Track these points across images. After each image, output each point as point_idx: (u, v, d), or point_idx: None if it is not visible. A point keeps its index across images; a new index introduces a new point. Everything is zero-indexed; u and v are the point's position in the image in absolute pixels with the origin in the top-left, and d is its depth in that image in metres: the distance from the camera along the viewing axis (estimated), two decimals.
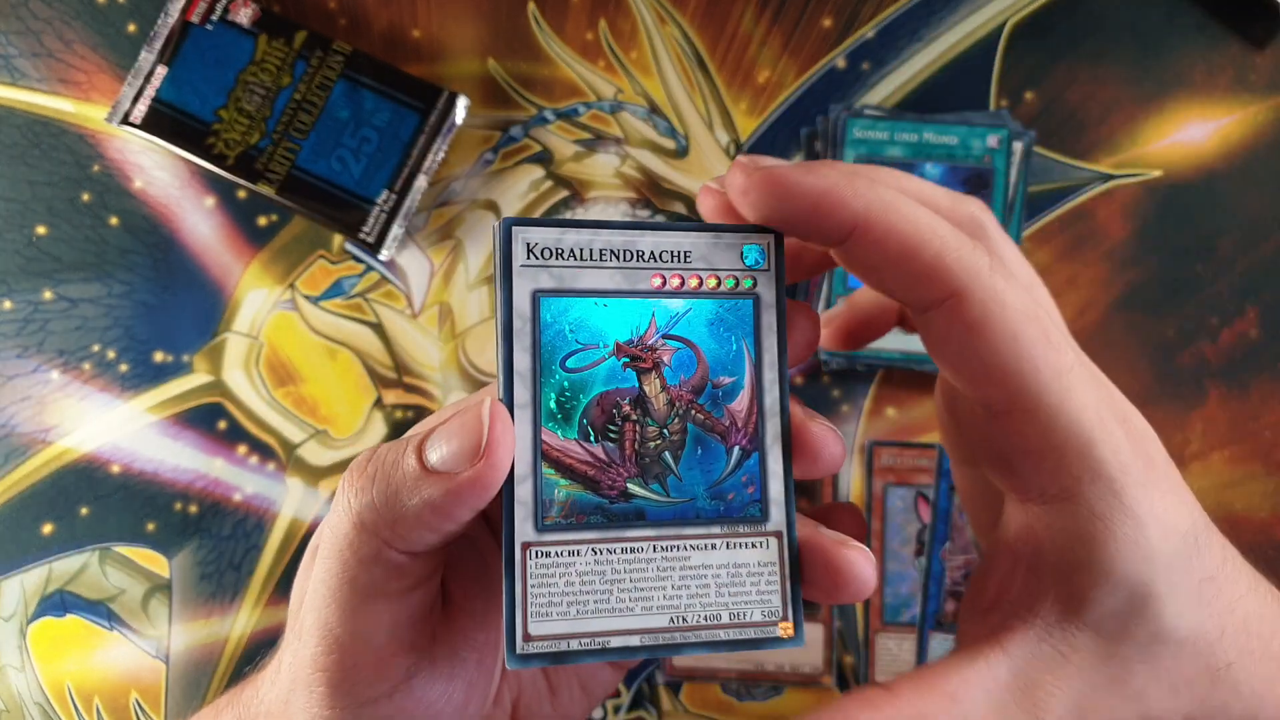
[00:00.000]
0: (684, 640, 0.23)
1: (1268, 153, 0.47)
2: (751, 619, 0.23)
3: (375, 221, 0.45)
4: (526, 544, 0.22)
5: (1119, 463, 0.22)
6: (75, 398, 0.47)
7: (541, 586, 0.22)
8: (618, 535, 0.22)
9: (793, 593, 0.23)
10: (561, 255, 0.22)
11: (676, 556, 0.23)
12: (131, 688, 0.46)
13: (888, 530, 0.46)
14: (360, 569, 0.22)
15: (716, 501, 0.23)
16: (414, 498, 0.22)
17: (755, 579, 0.23)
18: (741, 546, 0.23)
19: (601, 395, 0.23)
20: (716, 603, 0.23)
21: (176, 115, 0.44)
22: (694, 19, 0.48)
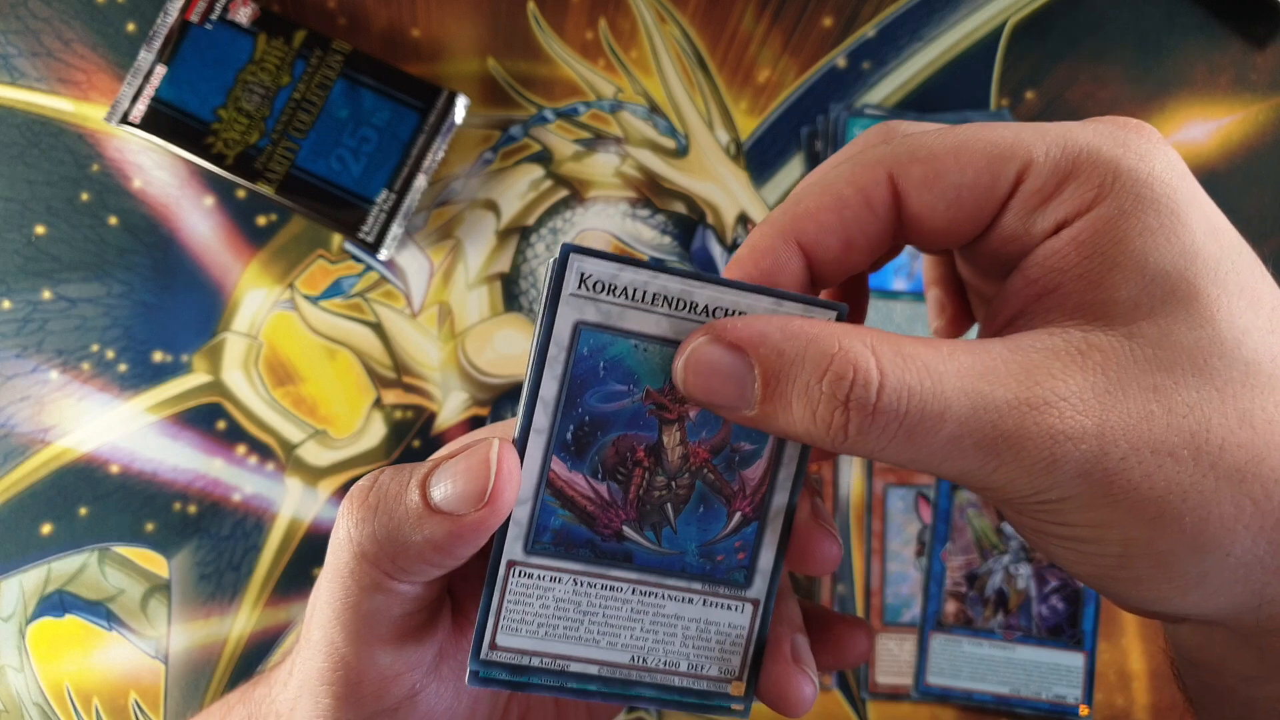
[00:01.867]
0: (638, 679, 0.23)
1: (1268, 152, 0.47)
2: (708, 673, 0.23)
3: (375, 221, 0.44)
4: (512, 562, 0.23)
5: (1141, 152, 0.20)
6: (74, 397, 0.47)
7: (517, 604, 0.23)
8: (601, 571, 0.23)
9: (753, 661, 0.24)
10: (613, 292, 0.22)
11: (653, 603, 0.23)
12: (130, 688, 0.46)
13: (888, 530, 0.46)
14: (362, 595, 0.23)
15: (705, 560, 0.23)
16: (416, 535, 0.22)
17: (722, 639, 0.23)
18: (717, 606, 0.23)
19: (619, 438, 0.23)
20: (679, 652, 0.23)
21: (176, 115, 0.44)
22: (694, 18, 0.48)
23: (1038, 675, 0.44)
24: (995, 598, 0.45)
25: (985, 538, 0.45)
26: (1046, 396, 0.18)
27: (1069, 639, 0.44)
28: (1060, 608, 0.45)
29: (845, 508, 0.46)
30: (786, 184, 0.47)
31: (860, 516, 0.47)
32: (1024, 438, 0.18)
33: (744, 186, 0.47)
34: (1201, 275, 0.19)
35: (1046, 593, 0.45)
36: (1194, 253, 0.19)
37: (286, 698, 0.25)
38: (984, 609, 0.45)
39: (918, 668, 0.45)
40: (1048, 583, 0.45)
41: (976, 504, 0.45)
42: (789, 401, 0.20)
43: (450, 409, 0.47)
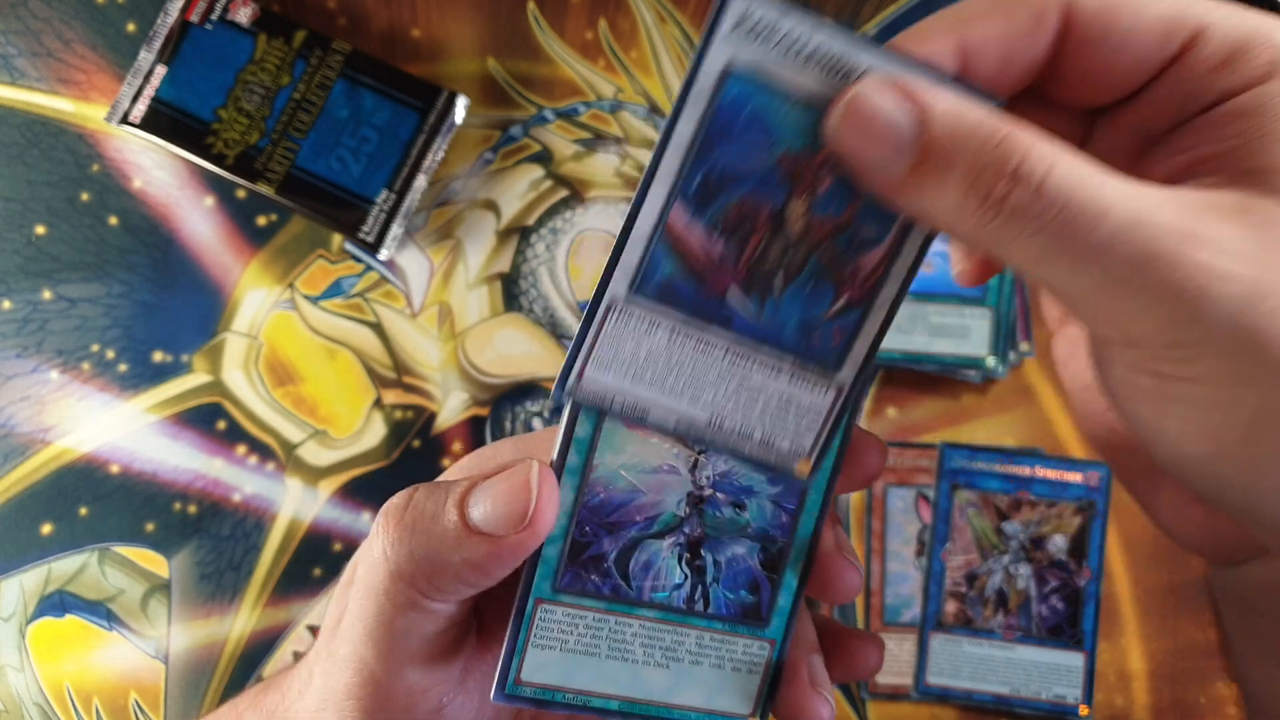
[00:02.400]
0: (712, 439, 0.23)
1: None
2: (779, 446, 0.23)
3: (375, 221, 0.44)
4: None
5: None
6: (74, 398, 0.47)
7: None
8: (699, 328, 0.22)
9: (824, 442, 0.23)
10: (771, 40, 0.20)
11: (741, 368, 0.23)
12: (131, 688, 0.46)
13: (888, 530, 0.46)
14: (396, 614, 0.23)
15: (802, 337, 0.22)
16: (455, 555, 0.22)
17: (799, 419, 0.23)
18: (803, 385, 0.23)
19: (745, 196, 0.21)
20: (755, 421, 0.23)
21: (176, 115, 0.44)
22: (694, 18, 0.48)
23: (1038, 675, 0.44)
24: (995, 598, 0.45)
25: (985, 538, 0.45)
26: (1206, 234, 0.17)
27: (1069, 639, 0.44)
28: (1060, 608, 0.45)
29: (845, 508, 0.46)
30: None
31: (860, 516, 0.47)
32: (1177, 263, 0.17)
33: None
34: None
35: (1046, 593, 0.45)
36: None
37: (306, 708, 0.25)
38: (984, 609, 0.45)
39: (918, 668, 0.45)
40: (1048, 583, 0.45)
41: (976, 504, 0.45)
42: (950, 165, 0.18)
43: (450, 409, 0.47)
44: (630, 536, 0.24)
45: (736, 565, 0.24)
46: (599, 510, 0.23)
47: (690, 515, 0.24)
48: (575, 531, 0.23)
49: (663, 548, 0.24)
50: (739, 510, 0.24)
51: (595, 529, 0.23)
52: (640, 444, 0.23)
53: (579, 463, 0.23)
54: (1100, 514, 0.45)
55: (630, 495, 0.23)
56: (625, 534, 0.24)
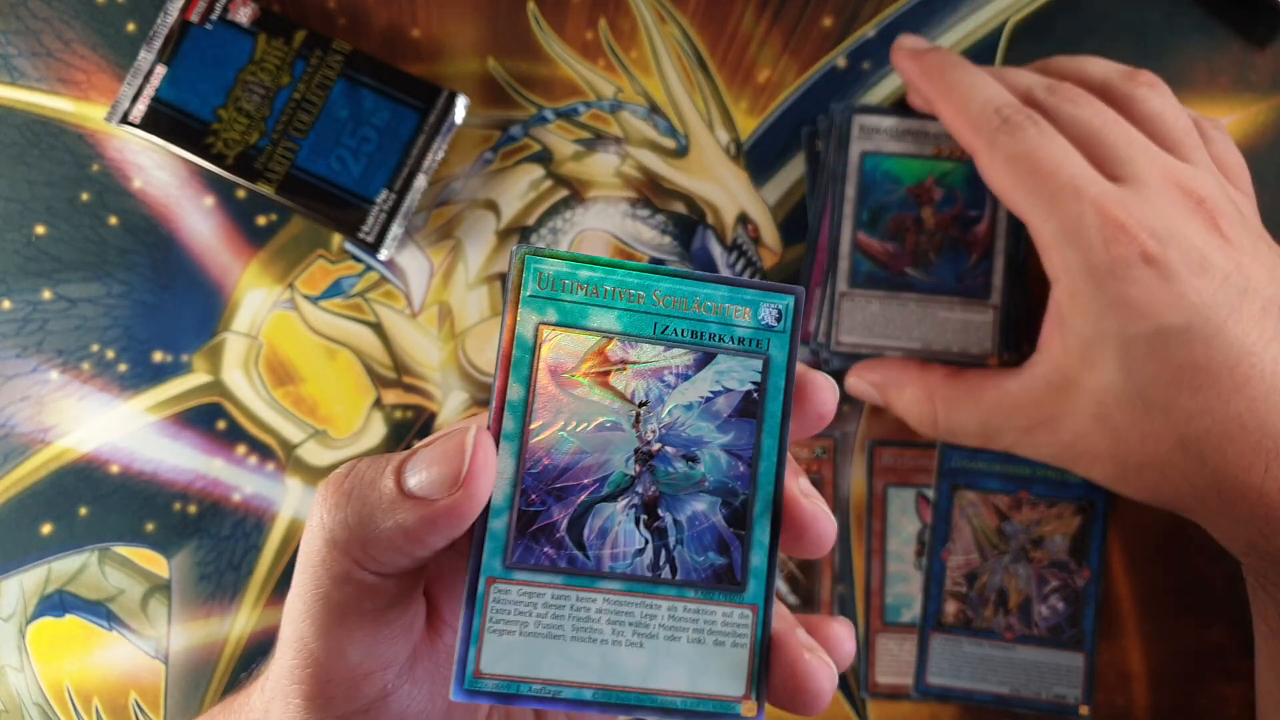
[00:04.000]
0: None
1: (1268, 153, 0.47)
2: (971, 351, 0.42)
3: (375, 221, 0.44)
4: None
5: (1087, 260, 0.34)
6: (74, 398, 0.47)
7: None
8: (895, 294, 0.41)
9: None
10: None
11: (929, 310, 0.43)
12: (131, 688, 0.46)
13: (888, 530, 0.46)
14: (332, 586, 0.22)
15: (959, 284, 0.41)
16: (388, 520, 0.21)
17: (971, 332, 0.43)
18: (971, 310, 0.45)
19: (895, 216, 0.42)
20: (950, 339, 0.43)
21: (176, 115, 0.44)
22: (694, 18, 0.48)
23: (1038, 675, 0.44)
24: (995, 598, 0.45)
25: (985, 538, 0.45)
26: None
27: (1069, 639, 0.44)
28: (1060, 608, 0.45)
29: (845, 508, 0.46)
30: (787, 184, 0.47)
31: (860, 516, 0.47)
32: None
33: (744, 186, 0.48)
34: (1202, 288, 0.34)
35: (1046, 593, 0.45)
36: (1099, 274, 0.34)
37: (261, 701, 0.25)
38: (984, 609, 0.45)
39: (918, 668, 0.45)
40: (1048, 583, 0.45)
41: (976, 504, 0.45)
42: None
43: (450, 409, 0.47)
44: (581, 502, 0.22)
45: (699, 524, 0.23)
46: (544, 476, 0.22)
47: (641, 473, 0.23)
48: (521, 501, 0.22)
49: (616, 510, 0.22)
50: (692, 464, 0.23)
51: (542, 496, 0.22)
52: (578, 402, 0.22)
53: (516, 428, 0.22)
54: (1100, 514, 0.45)
55: (575, 458, 0.22)
56: (574, 499, 0.22)
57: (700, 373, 0.23)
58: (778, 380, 0.23)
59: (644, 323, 0.22)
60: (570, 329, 0.22)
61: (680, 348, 0.23)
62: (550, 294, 0.22)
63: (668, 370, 0.23)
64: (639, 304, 0.22)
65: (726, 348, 0.23)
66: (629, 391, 0.23)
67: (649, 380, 0.23)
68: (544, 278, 0.22)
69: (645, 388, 0.23)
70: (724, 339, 0.23)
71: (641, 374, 0.23)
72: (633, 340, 0.22)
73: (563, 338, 0.22)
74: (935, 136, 0.45)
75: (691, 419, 0.23)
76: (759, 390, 0.23)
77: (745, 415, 0.23)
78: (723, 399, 0.23)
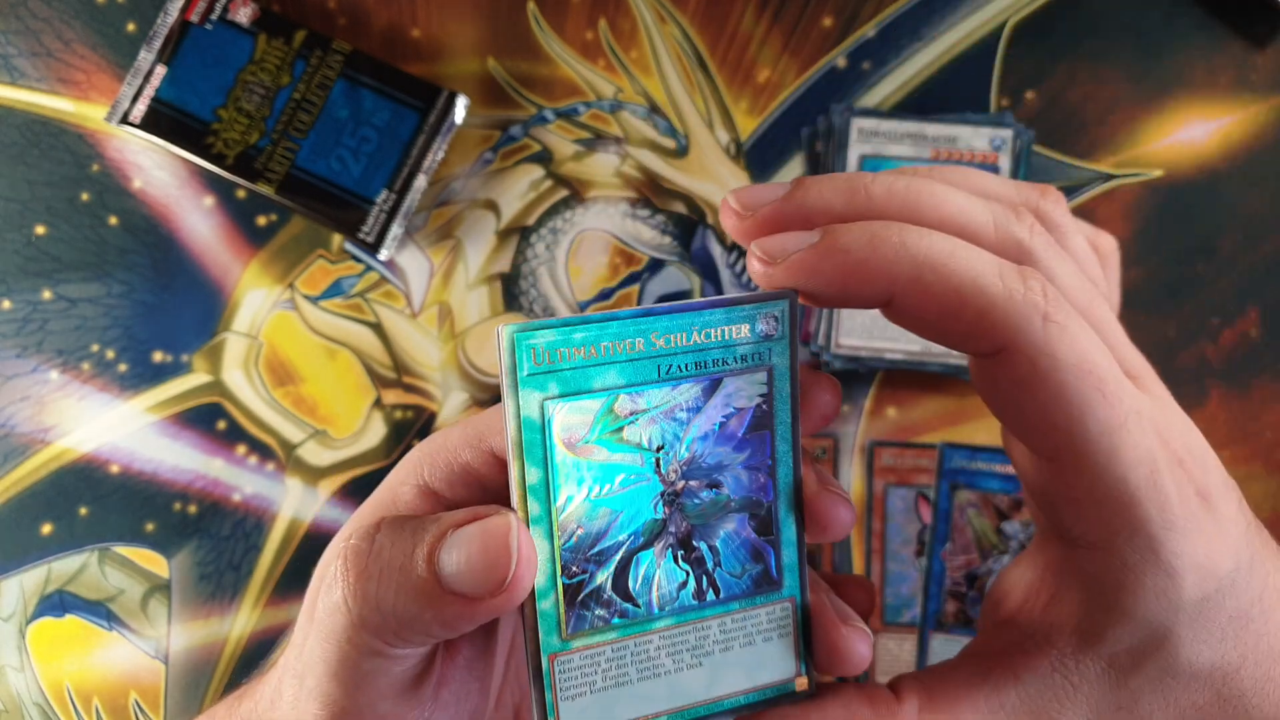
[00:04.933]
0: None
1: (1268, 152, 0.47)
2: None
3: (375, 221, 0.44)
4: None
5: (1163, 518, 0.21)
6: (74, 398, 0.47)
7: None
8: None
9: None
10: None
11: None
12: (131, 688, 0.46)
13: (888, 530, 0.46)
14: (361, 659, 0.22)
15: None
16: (425, 612, 0.21)
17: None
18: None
19: None
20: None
21: (176, 115, 0.44)
22: (694, 18, 0.48)
23: None
24: None
25: (985, 538, 0.45)
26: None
27: None
28: None
29: None
30: None
31: (860, 516, 0.47)
32: None
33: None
34: (1180, 623, 0.22)
35: None
36: (1179, 607, 0.22)
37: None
38: None
39: (918, 668, 0.45)
40: None
41: (976, 504, 0.45)
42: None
43: (450, 409, 0.47)
44: (620, 558, 0.22)
45: (732, 542, 0.23)
46: (580, 547, 0.22)
47: (671, 513, 0.23)
48: (564, 576, 0.22)
49: (655, 554, 0.23)
50: (716, 490, 0.23)
51: (582, 565, 0.22)
52: (597, 467, 0.22)
53: (543, 510, 0.22)
54: None
55: (606, 521, 0.22)
56: (613, 557, 0.22)
57: (710, 400, 0.23)
58: (783, 386, 0.23)
59: (647, 369, 0.22)
60: (576, 397, 0.22)
61: (686, 381, 0.22)
62: (548, 367, 0.21)
63: (678, 408, 0.23)
64: (639, 351, 0.22)
65: (731, 370, 0.23)
66: (645, 440, 0.22)
67: (662, 423, 0.22)
68: (538, 352, 0.21)
69: (660, 432, 0.22)
70: (727, 361, 0.23)
71: (654, 420, 0.22)
72: (640, 389, 0.22)
73: (570, 409, 0.22)
74: (934, 139, 0.45)
75: (709, 448, 0.23)
76: (767, 401, 0.23)
77: (758, 429, 0.23)
78: (734, 420, 0.23)
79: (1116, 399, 0.21)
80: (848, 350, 0.45)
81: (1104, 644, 0.22)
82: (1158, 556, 0.21)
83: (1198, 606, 0.22)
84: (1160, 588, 0.21)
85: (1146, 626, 0.22)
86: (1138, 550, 0.21)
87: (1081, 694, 0.22)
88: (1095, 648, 0.22)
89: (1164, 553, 0.21)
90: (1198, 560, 0.22)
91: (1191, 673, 0.22)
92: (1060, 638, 0.23)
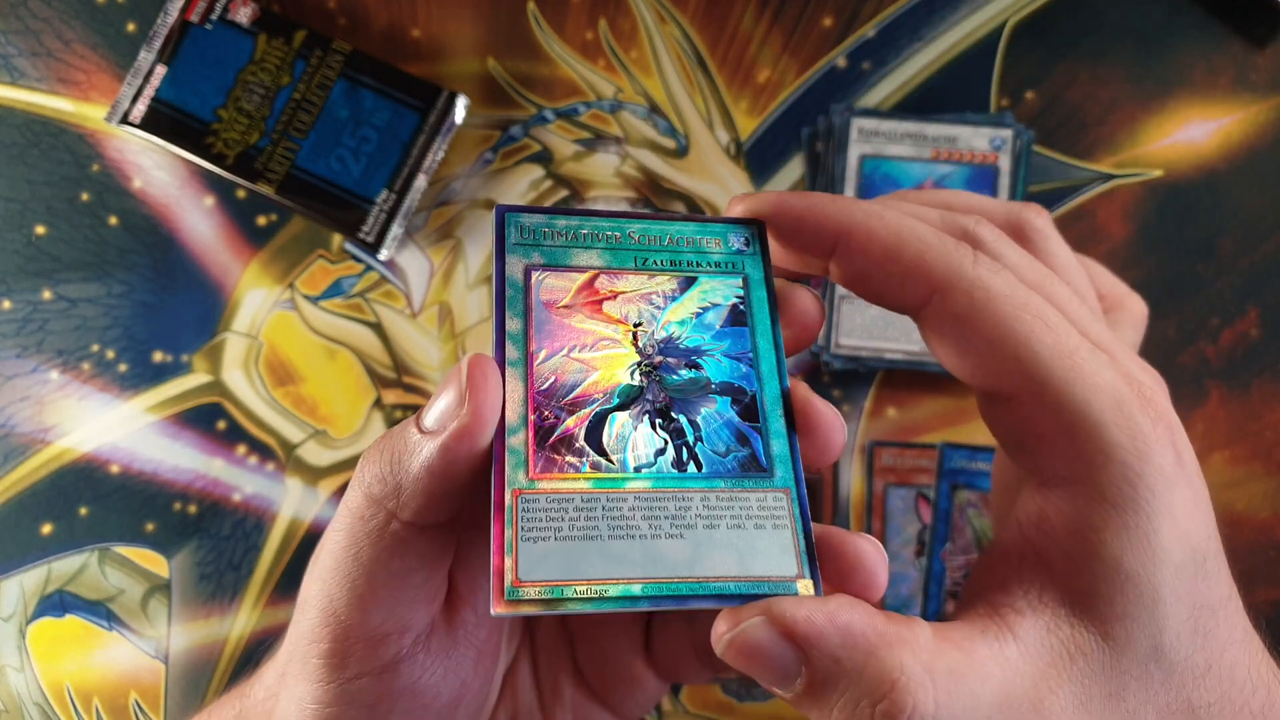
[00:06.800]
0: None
1: (1269, 152, 0.47)
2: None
3: (375, 221, 0.44)
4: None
5: (1135, 448, 0.21)
6: (74, 398, 0.47)
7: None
8: None
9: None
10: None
11: None
12: (131, 688, 0.46)
13: (888, 530, 0.46)
14: (366, 541, 0.23)
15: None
16: (414, 462, 0.22)
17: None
18: None
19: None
20: None
21: (176, 115, 0.44)
22: (694, 18, 0.48)
23: None
24: None
25: (985, 538, 0.45)
26: (1046, 715, 0.21)
27: None
28: None
29: (845, 508, 0.46)
30: (786, 184, 0.47)
31: (860, 516, 0.47)
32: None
33: (744, 186, 0.48)
34: (1164, 585, 0.21)
35: None
36: (1161, 560, 0.21)
37: (275, 669, 0.26)
38: None
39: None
40: None
41: (976, 504, 0.45)
42: (830, 706, 0.20)
43: None
44: (595, 412, 0.22)
45: (714, 421, 0.23)
46: (553, 394, 0.23)
47: (648, 383, 0.23)
48: (536, 417, 0.22)
49: (631, 417, 0.23)
50: (695, 370, 0.23)
51: (555, 411, 0.22)
52: (574, 328, 0.23)
53: (520, 354, 0.23)
54: None
55: (581, 374, 0.23)
56: (587, 408, 0.23)
57: (686, 293, 0.24)
58: (759, 293, 0.24)
59: (625, 258, 0.24)
60: (556, 268, 0.24)
61: (663, 274, 0.24)
62: (533, 241, 0.24)
63: (655, 294, 0.24)
64: (617, 243, 0.24)
65: (706, 270, 0.24)
66: (622, 315, 0.24)
67: (639, 304, 0.24)
68: (524, 229, 0.24)
69: (637, 311, 0.24)
70: (701, 264, 0.24)
71: (631, 299, 0.24)
72: (617, 272, 0.24)
73: (551, 277, 0.24)
74: (934, 139, 0.45)
75: (686, 332, 0.24)
76: (744, 301, 0.24)
77: (736, 324, 0.24)
78: (712, 313, 0.24)
79: (1062, 329, 0.22)
80: (848, 350, 0.45)
81: (1095, 603, 0.21)
82: (1135, 491, 0.21)
83: (1177, 571, 0.21)
84: (1140, 529, 0.21)
85: (1134, 582, 0.21)
86: (1113, 482, 0.21)
87: (1077, 666, 0.21)
88: (1087, 609, 0.21)
89: (1141, 487, 0.21)
90: (1174, 510, 0.21)
91: (1171, 661, 0.22)
92: (1051, 597, 0.22)
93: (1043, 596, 0.22)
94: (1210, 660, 0.22)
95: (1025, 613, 0.22)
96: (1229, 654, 0.22)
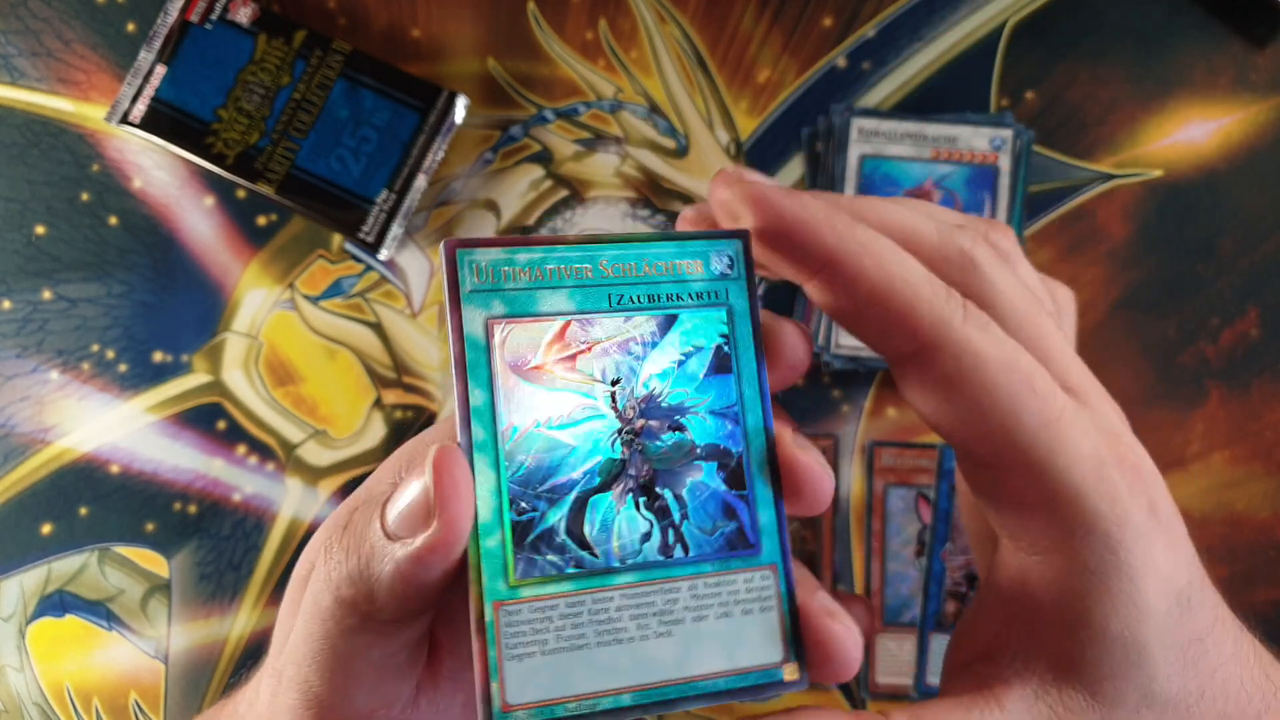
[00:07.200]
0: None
1: (1268, 152, 0.47)
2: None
3: (375, 221, 0.44)
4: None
5: (1115, 514, 0.21)
6: (74, 398, 0.47)
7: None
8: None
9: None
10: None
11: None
12: (130, 688, 0.46)
13: (888, 530, 0.46)
14: (341, 639, 0.22)
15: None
16: (385, 567, 0.20)
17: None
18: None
19: None
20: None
21: (176, 115, 0.44)
22: (694, 18, 0.48)
23: None
24: None
25: None
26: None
27: None
28: None
29: (845, 508, 0.46)
30: (786, 184, 0.47)
31: (860, 516, 0.47)
32: None
33: None
34: (1151, 639, 0.21)
35: None
36: (1146, 616, 0.21)
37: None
38: None
39: (918, 668, 0.45)
40: None
41: None
42: None
43: (451, 409, 0.47)
44: (575, 498, 0.20)
45: (700, 494, 0.21)
46: (529, 480, 0.20)
47: (630, 454, 0.21)
48: (511, 512, 0.20)
49: (613, 498, 0.21)
50: (679, 433, 0.21)
51: (532, 501, 0.20)
52: (547, 395, 0.21)
53: (487, 435, 0.20)
54: None
55: (557, 453, 0.21)
56: (567, 496, 0.20)
57: (666, 336, 0.22)
58: (744, 327, 0.22)
59: (597, 296, 0.21)
60: (521, 319, 0.21)
61: (640, 314, 0.21)
62: (492, 285, 0.20)
63: (633, 341, 0.21)
64: (587, 278, 0.21)
65: (686, 305, 0.22)
66: (599, 372, 0.21)
67: (616, 356, 0.21)
68: (481, 270, 0.20)
69: (615, 365, 0.21)
70: (682, 296, 0.22)
71: (607, 351, 0.21)
72: (590, 317, 0.21)
73: (516, 330, 0.21)
74: (934, 139, 0.45)
75: (668, 387, 0.21)
76: (729, 341, 0.22)
77: (721, 371, 0.22)
78: (695, 359, 0.22)
79: (1049, 394, 0.21)
80: (848, 350, 0.45)
81: (1083, 667, 0.21)
82: (1116, 557, 0.21)
83: (1163, 620, 0.21)
84: (1126, 593, 0.21)
85: (1121, 643, 0.21)
86: (1095, 551, 0.21)
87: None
88: (1075, 672, 0.21)
89: (1122, 552, 0.21)
90: (1156, 563, 0.21)
91: (1163, 701, 0.21)
92: (1038, 663, 0.22)
93: (1029, 664, 0.22)
94: (1203, 685, 0.22)
95: (1012, 682, 0.22)
96: (1220, 674, 0.22)
